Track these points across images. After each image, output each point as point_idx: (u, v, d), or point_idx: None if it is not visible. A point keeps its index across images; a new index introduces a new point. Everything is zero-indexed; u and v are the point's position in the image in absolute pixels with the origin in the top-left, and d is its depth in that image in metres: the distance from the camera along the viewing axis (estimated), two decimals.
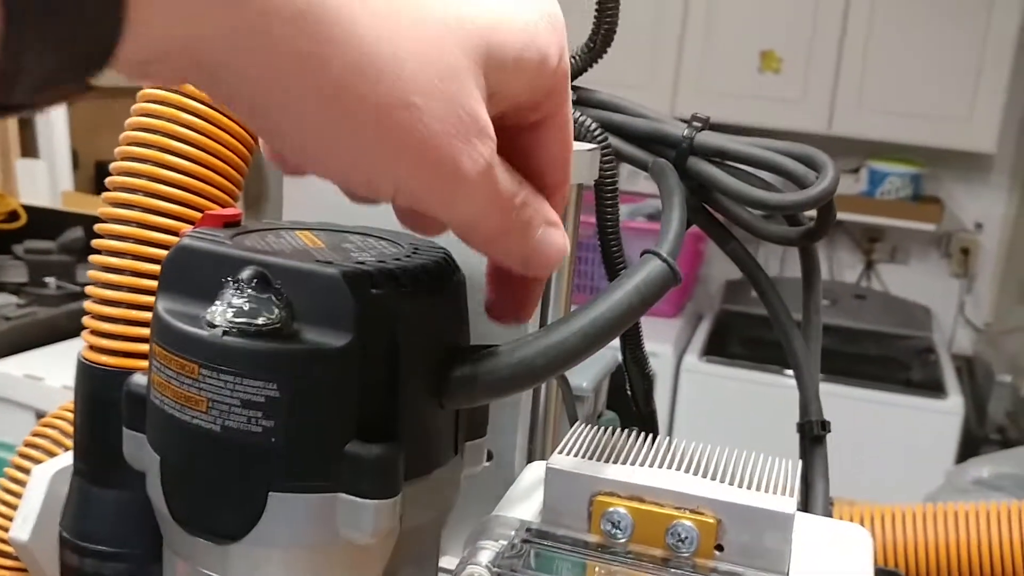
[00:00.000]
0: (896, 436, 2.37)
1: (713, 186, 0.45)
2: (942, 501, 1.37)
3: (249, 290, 0.32)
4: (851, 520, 0.65)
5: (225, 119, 0.42)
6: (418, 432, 0.33)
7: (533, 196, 0.33)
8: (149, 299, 0.41)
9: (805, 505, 0.51)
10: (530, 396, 0.44)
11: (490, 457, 0.43)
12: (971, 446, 2.43)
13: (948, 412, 2.36)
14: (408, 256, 0.35)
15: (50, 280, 1.93)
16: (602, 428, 0.40)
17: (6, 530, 0.51)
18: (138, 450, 0.36)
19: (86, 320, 0.42)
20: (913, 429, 2.36)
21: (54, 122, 2.30)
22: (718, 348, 2.60)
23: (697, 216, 0.48)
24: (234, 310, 0.32)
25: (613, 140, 0.45)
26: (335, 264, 0.32)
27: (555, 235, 0.34)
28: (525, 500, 0.39)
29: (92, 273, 0.43)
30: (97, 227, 0.43)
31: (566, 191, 0.35)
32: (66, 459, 0.52)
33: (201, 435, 0.32)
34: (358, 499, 0.32)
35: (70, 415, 0.58)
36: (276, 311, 0.32)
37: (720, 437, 0.57)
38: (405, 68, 0.27)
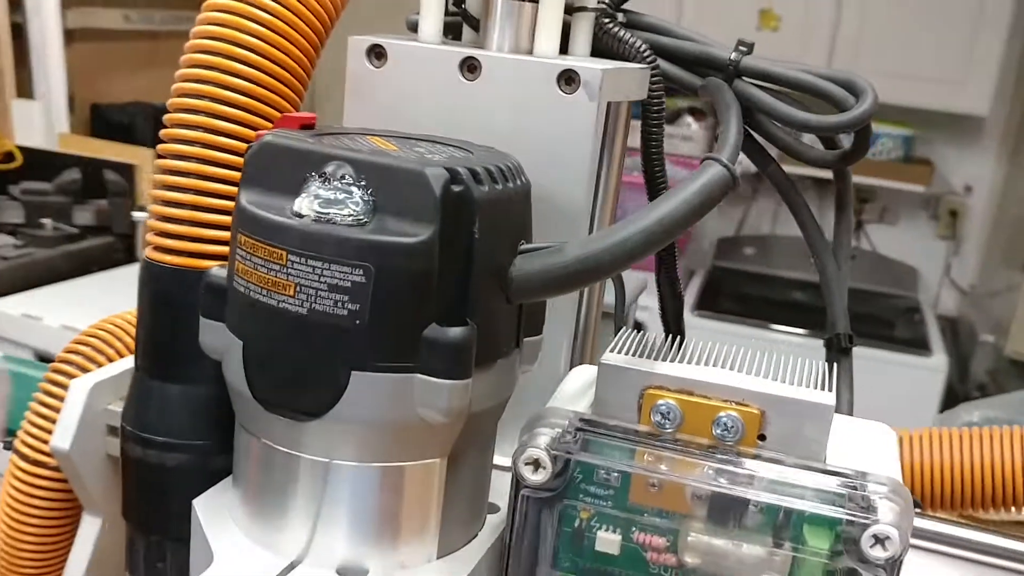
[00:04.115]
0: (882, 391, 2.40)
1: (758, 108, 0.47)
2: None
3: (335, 183, 0.34)
4: None
5: (292, 27, 0.44)
6: (486, 323, 0.35)
7: None
8: (214, 201, 0.43)
9: None
10: (575, 306, 0.47)
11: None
12: (953, 403, 2.47)
13: (933, 369, 2.40)
14: (479, 159, 0.37)
15: (47, 221, 1.93)
16: (648, 334, 0.42)
17: (44, 441, 0.52)
18: (217, 338, 0.38)
19: (150, 223, 0.44)
20: (898, 385, 2.40)
21: (51, 64, 2.29)
22: (709, 303, 2.63)
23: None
24: (321, 201, 0.34)
25: (661, 62, 0.47)
26: (417, 161, 0.34)
27: None
28: (574, 397, 0.42)
29: (157, 177, 0.44)
30: (162, 132, 0.44)
31: None
32: (103, 373, 0.54)
33: (289, 317, 0.34)
34: (434, 379, 0.34)
35: (103, 333, 0.60)
36: (361, 203, 0.34)
37: None
38: None
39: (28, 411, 0.55)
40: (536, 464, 0.37)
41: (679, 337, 0.42)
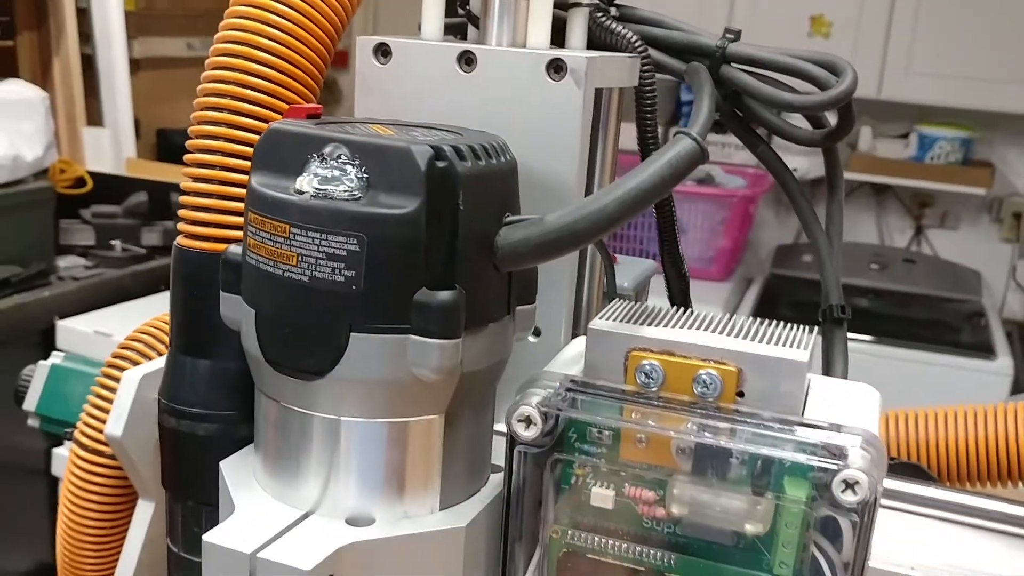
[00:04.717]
0: (946, 396, 2.37)
1: (744, 91, 0.50)
2: None
3: (332, 162, 0.38)
4: None
5: (306, 30, 0.47)
6: (475, 288, 0.39)
7: None
8: (238, 191, 0.47)
9: None
10: (573, 281, 0.49)
11: (537, 333, 0.48)
12: None
13: (997, 373, 2.37)
14: (466, 139, 0.40)
15: (116, 243, 2.01)
16: (637, 302, 0.45)
17: (100, 431, 0.57)
18: (234, 309, 0.41)
19: (181, 212, 0.48)
20: (962, 390, 2.37)
21: (118, 92, 2.38)
22: (767, 311, 2.62)
23: (730, 122, 0.53)
24: (319, 178, 0.37)
25: (653, 52, 0.50)
26: (406, 141, 0.38)
27: None
28: (568, 363, 0.45)
29: (186, 170, 0.48)
30: (190, 130, 0.48)
31: None
32: (153, 365, 0.58)
33: (292, 285, 0.37)
34: (426, 339, 0.37)
35: (153, 330, 0.63)
36: (356, 180, 0.37)
37: None
38: None
39: (86, 403, 0.59)
40: (528, 421, 0.40)
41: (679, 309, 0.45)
